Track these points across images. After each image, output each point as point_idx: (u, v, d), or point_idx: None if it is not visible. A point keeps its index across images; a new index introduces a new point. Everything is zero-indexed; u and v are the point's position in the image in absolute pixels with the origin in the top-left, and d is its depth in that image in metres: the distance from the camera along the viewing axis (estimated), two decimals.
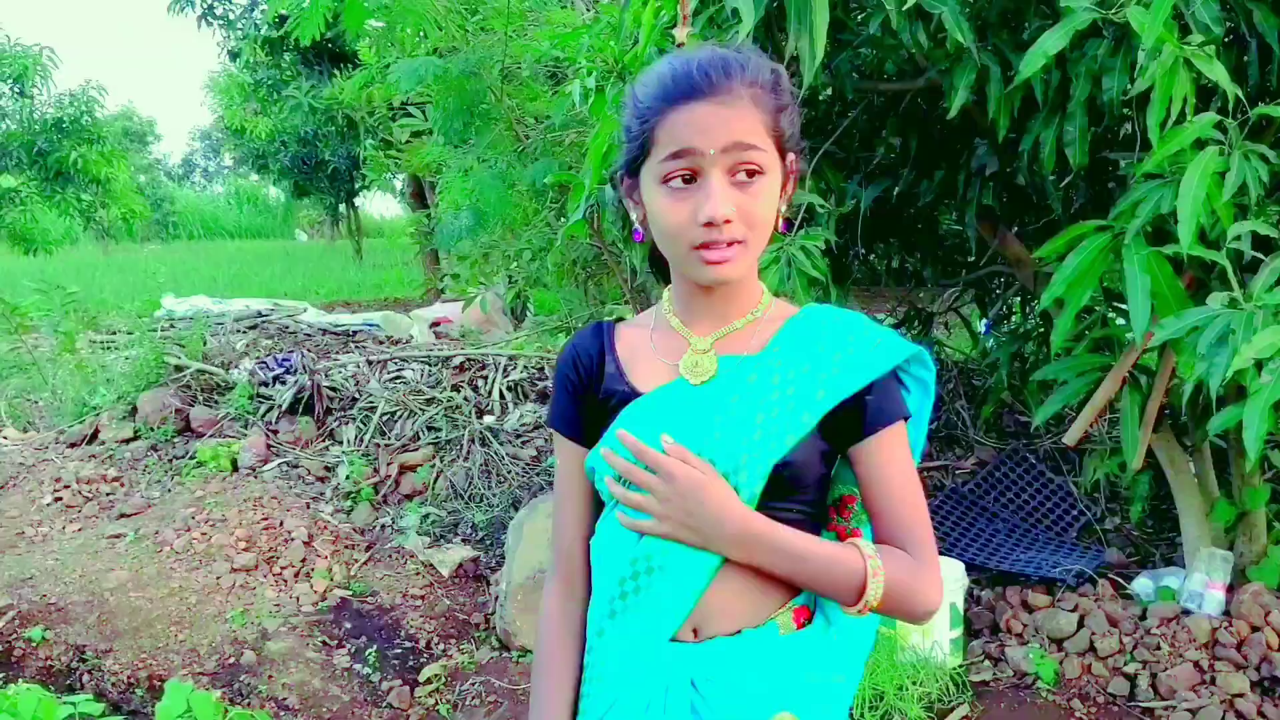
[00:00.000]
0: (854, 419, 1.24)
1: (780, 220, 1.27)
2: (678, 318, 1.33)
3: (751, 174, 1.19)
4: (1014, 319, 5.00)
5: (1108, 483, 4.33)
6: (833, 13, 2.75)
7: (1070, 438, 3.50)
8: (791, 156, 1.27)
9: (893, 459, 1.25)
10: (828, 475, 1.30)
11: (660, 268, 1.40)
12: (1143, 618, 3.43)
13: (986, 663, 3.45)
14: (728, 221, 1.18)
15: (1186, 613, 3.40)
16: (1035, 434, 4.81)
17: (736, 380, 1.26)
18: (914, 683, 3.21)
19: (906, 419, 1.27)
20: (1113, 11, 2.55)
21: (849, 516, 1.35)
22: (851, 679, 1.34)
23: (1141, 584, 3.64)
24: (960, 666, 3.38)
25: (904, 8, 2.74)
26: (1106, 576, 3.71)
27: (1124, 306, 2.90)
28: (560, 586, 1.40)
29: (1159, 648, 3.26)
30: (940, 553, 4.09)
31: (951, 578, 3.46)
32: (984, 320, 5.27)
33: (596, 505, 1.37)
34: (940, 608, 1.23)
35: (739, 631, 1.25)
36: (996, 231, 3.90)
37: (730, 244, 1.19)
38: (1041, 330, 4.34)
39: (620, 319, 1.41)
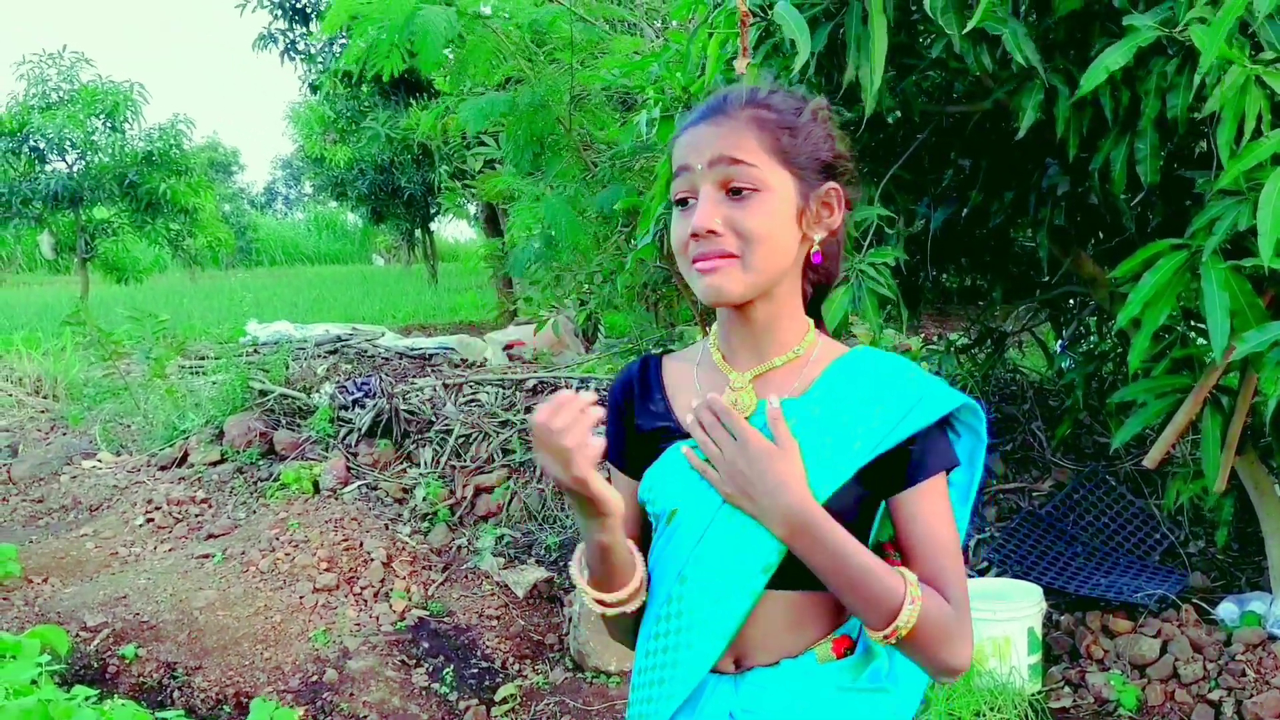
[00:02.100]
0: (896, 468, 1.22)
1: (812, 250, 1.27)
2: (719, 353, 1.32)
3: (743, 190, 1.20)
4: (1090, 339, 4.92)
5: (1191, 505, 4.23)
6: (897, 36, 2.76)
7: (1150, 460, 3.43)
8: (831, 185, 1.26)
9: (934, 511, 1.22)
10: (867, 521, 1.26)
11: None
12: (1228, 643, 3.35)
13: (1066, 689, 3.40)
14: (712, 232, 1.19)
15: (1273, 638, 3.31)
16: (1114, 456, 4.72)
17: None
18: (991, 709, 3.18)
19: (949, 470, 1.25)
20: (1177, 30, 2.53)
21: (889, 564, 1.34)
22: (900, 708, 1.30)
23: (1226, 609, 3.55)
24: (1039, 693, 3.33)
25: (965, 30, 2.73)
26: (1190, 601, 3.63)
27: (1203, 326, 2.85)
28: None
29: (1244, 674, 3.19)
30: (1017, 576, 4.02)
31: (1029, 602, 3.41)
32: (1059, 340, 5.19)
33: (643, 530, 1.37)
34: (967, 670, 1.17)
35: (778, 662, 1.26)
36: (1070, 251, 3.85)
37: (721, 256, 1.20)
38: (1119, 350, 4.26)
39: (667, 352, 1.40)
